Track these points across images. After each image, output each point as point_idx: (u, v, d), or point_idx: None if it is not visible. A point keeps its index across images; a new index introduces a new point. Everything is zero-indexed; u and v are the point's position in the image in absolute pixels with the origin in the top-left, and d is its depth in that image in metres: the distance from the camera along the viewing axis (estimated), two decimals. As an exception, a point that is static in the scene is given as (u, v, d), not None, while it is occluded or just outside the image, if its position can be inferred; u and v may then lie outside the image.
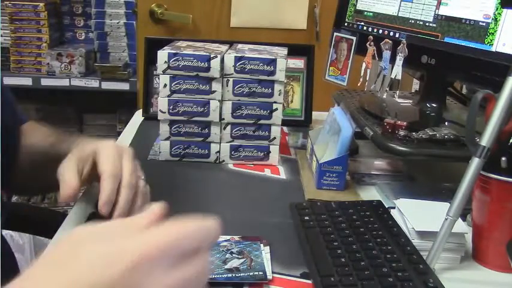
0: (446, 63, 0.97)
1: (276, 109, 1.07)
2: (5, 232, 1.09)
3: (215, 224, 0.45)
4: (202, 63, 1.02)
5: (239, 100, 1.06)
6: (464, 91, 1.24)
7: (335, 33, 1.19)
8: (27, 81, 2.23)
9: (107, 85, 2.22)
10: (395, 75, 1.04)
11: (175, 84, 1.04)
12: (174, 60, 1.02)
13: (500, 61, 0.85)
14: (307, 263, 0.71)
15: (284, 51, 1.13)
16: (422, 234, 0.76)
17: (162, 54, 1.03)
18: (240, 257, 0.72)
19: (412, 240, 0.75)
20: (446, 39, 0.97)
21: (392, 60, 1.04)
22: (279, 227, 0.84)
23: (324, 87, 1.27)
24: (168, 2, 1.92)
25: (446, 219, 0.70)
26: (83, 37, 2.41)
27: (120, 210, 0.71)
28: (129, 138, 1.22)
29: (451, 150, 0.91)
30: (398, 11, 1.07)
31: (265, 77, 1.04)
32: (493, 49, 0.88)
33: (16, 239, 1.84)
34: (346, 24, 1.20)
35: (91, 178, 0.77)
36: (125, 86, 2.22)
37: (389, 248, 0.73)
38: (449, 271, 0.74)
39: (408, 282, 0.65)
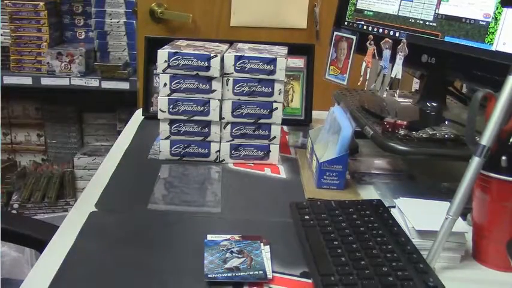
0: (447, 62, 0.97)
1: (276, 108, 1.07)
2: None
3: None
4: (202, 63, 1.02)
5: (239, 99, 1.06)
6: (464, 90, 1.24)
7: (335, 33, 1.19)
8: (27, 81, 2.22)
9: (107, 84, 2.22)
10: (396, 75, 1.04)
11: (175, 83, 1.04)
12: (174, 60, 1.02)
13: (501, 60, 0.85)
14: (307, 262, 0.71)
15: (284, 50, 1.13)
16: (423, 234, 0.76)
17: (162, 53, 1.02)
18: (240, 256, 0.72)
19: (412, 240, 0.75)
20: (447, 39, 0.97)
21: (393, 59, 1.04)
22: (279, 226, 0.84)
23: (324, 87, 1.27)
24: (168, 1, 1.92)
25: (446, 218, 0.70)
26: (83, 36, 2.40)
27: None
28: (129, 137, 1.22)
29: (451, 149, 0.91)
30: (399, 10, 1.07)
31: (265, 76, 1.04)
32: (493, 48, 0.88)
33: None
34: (346, 23, 1.20)
35: None
36: (124, 85, 2.22)
37: (389, 247, 0.72)
38: (449, 270, 0.74)
39: (408, 282, 0.65)
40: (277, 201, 0.93)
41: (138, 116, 1.37)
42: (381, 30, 1.11)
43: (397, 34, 1.07)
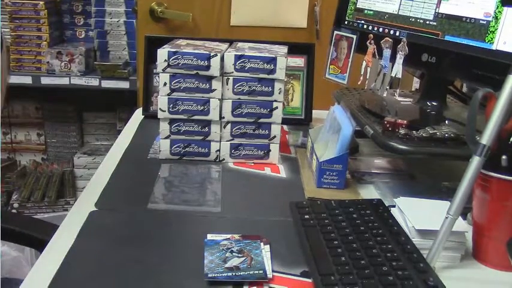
0: (447, 61, 0.97)
1: (276, 108, 1.07)
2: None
3: None
4: (202, 62, 1.02)
5: (239, 99, 1.06)
6: (464, 89, 1.24)
7: (335, 32, 1.19)
8: (27, 80, 2.22)
9: (106, 83, 2.22)
10: (396, 74, 1.04)
11: (175, 82, 1.04)
12: (174, 59, 1.02)
13: (501, 59, 0.85)
14: (307, 262, 0.71)
15: (284, 49, 1.13)
16: (423, 233, 0.76)
17: (162, 53, 1.02)
18: (240, 255, 0.72)
19: (412, 239, 0.75)
20: (447, 38, 0.97)
21: (393, 58, 1.04)
22: (279, 226, 0.84)
23: (324, 86, 1.27)
24: (168, 0, 1.92)
25: (446, 217, 0.70)
26: (82, 35, 2.40)
27: None
28: (129, 136, 1.22)
29: (451, 148, 0.91)
30: (399, 9, 1.07)
31: (266, 76, 1.04)
32: (493, 47, 0.88)
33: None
34: (346, 22, 1.20)
35: None
36: (124, 85, 2.22)
37: (389, 246, 0.72)
38: (449, 270, 0.74)
39: (408, 281, 0.65)
40: (277, 201, 0.93)
41: (138, 115, 1.37)
42: (381, 30, 1.11)
43: (397, 33, 1.07)
